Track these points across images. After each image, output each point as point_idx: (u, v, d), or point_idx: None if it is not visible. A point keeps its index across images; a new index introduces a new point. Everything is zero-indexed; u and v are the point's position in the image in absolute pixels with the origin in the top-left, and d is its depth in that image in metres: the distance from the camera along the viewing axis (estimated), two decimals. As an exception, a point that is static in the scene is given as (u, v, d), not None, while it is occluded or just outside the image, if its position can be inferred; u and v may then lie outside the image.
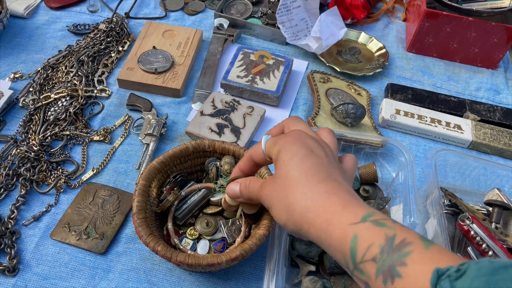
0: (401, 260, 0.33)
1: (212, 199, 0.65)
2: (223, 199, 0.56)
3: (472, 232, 0.61)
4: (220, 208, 0.64)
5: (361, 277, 0.36)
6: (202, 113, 0.79)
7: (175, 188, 0.63)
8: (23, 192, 0.68)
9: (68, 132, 0.77)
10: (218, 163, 0.66)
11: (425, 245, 0.34)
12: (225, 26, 0.97)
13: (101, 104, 0.83)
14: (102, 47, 0.91)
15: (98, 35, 0.93)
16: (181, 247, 0.61)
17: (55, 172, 0.72)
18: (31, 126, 0.77)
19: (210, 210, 0.64)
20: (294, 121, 0.50)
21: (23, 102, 0.80)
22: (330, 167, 0.43)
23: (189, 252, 0.60)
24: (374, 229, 0.36)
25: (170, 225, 0.62)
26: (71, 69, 0.86)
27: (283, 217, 0.43)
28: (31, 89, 0.83)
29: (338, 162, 0.46)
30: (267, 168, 0.61)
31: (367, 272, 0.35)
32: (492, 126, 0.84)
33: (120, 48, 0.93)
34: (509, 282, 0.28)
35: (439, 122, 0.84)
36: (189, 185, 0.66)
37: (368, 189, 0.69)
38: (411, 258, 0.33)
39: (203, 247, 0.62)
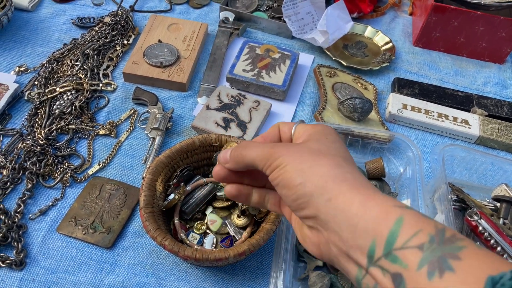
0: (454, 253, 0.29)
1: (218, 193, 0.65)
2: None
3: (480, 228, 0.60)
4: (230, 203, 0.64)
5: (392, 267, 0.31)
6: (208, 107, 0.79)
7: (181, 184, 0.63)
8: (29, 186, 0.68)
9: (73, 126, 0.77)
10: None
11: (477, 245, 0.30)
12: (231, 19, 0.97)
13: (106, 98, 0.82)
14: (107, 40, 0.90)
15: (103, 29, 0.92)
16: (188, 242, 0.61)
17: (61, 166, 0.72)
18: (37, 119, 0.77)
19: (219, 204, 0.64)
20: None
21: (29, 96, 0.80)
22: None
23: (195, 246, 0.60)
24: (421, 217, 0.32)
25: (176, 220, 0.62)
26: (76, 63, 0.86)
27: (297, 178, 0.37)
28: (36, 82, 0.83)
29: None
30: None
31: (406, 261, 0.30)
32: (500, 121, 0.84)
33: (125, 42, 0.92)
34: None
35: (446, 117, 0.83)
36: (195, 179, 0.66)
37: (375, 184, 0.69)
38: (466, 253, 0.29)
39: (209, 241, 0.62)
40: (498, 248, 0.59)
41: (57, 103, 0.80)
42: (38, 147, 0.71)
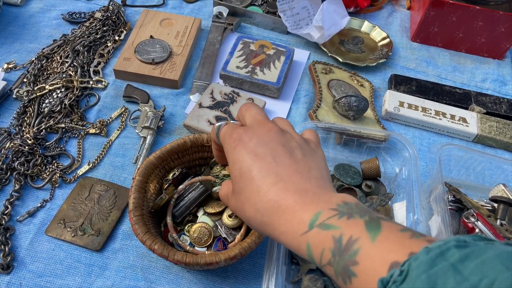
0: (352, 260, 0.34)
1: (213, 189, 0.62)
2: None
3: (477, 230, 0.59)
4: (222, 208, 0.62)
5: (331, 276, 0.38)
6: (200, 105, 0.77)
7: (170, 185, 0.62)
8: (17, 187, 0.66)
9: (63, 125, 0.75)
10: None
11: (372, 237, 0.34)
12: (225, 14, 0.95)
13: (97, 96, 0.81)
14: (98, 36, 0.88)
15: (94, 24, 0.90)
16: (180, 242, 0.59)
17: (50, 166, 0.70)
18: (25, 118, 0.75)
19: (211, 209, 0.62)
20: (246, 109, 0.49)
21: (17, 94, 0.78)
22: (278, 162, 0.42)
23: (188, 248, 0.59)
24: (321, 234, 0.37)
25: (169, 219, 0.60)
26: (66, 59, 0.84)
27: (251, 224, 0.44)
28: (25, 80, 0.81)
29: (288, 139, 0.45)
30: None
31: (329, 274, 0.36)
32: (498, 119, 0.82)
33: (117, 38, 0.90)
34: (448, 271, 0.27)
35: (444, 114, 0.82)
36: (188, 179, 0.64)
37: (370, 184, 0.67)
38: (361, 255, 0.33)
39: (201, 244, 0.60)
40: (495, 251, 0.58)
41: (46, 101, 0.78)
42: (27, 147, 0.70)
